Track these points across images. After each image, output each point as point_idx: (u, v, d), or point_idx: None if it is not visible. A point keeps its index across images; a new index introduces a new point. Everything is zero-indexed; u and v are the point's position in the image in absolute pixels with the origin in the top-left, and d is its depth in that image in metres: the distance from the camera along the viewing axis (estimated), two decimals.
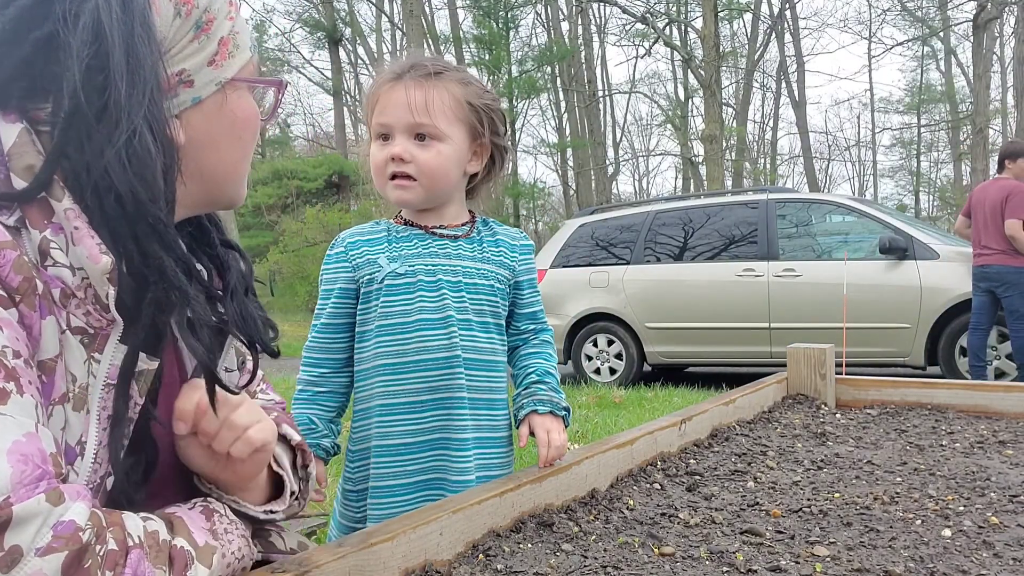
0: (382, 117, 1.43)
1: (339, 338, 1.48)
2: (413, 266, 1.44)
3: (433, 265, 1.44)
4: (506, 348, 1.52)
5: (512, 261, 1.53)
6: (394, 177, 1.43)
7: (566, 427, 1.43)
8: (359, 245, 1.48)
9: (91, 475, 0.79)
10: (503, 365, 1.51)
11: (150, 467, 0.88)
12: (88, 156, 0.76)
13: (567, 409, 1.46)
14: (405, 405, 1.41)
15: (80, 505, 0.68)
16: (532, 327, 1.57)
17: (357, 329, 1.47)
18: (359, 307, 1.46)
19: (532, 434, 1.42)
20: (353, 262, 1.47)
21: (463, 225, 1.52)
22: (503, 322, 1.52)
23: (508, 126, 1.58)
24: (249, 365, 1.04)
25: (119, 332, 0.81)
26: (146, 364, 0.83)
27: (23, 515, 0.63)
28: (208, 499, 0.91)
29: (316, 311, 1.51)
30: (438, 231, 1.49)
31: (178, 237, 0.85)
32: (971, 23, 21.35)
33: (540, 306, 1.58)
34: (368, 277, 1.44)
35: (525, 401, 1.45)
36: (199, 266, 0.97)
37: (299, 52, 29.93)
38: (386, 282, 1.42)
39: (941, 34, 27.33)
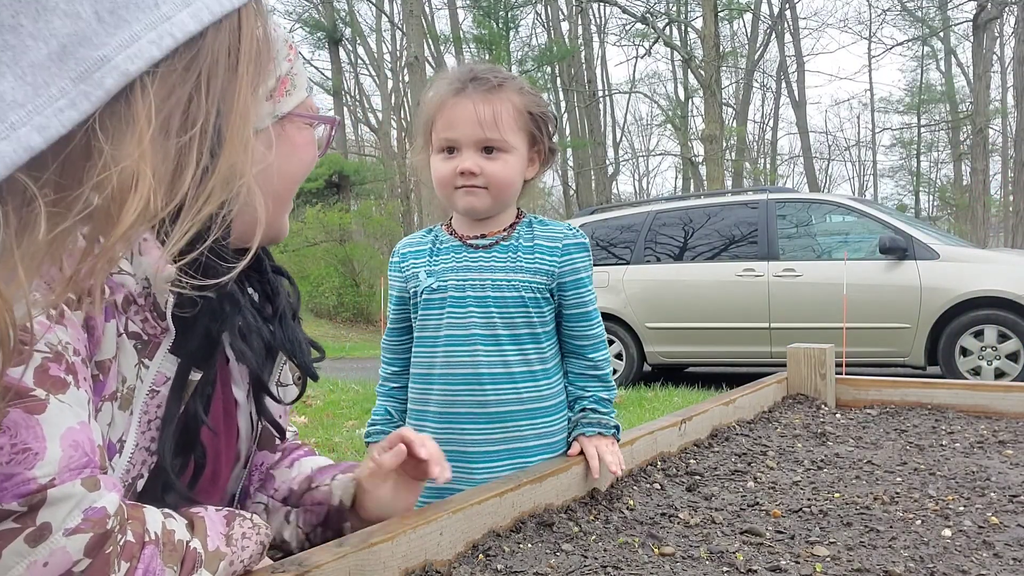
0: (450, 132, 1.45)
1: (404, 340, 1.57)
2: (445, 282, 1.48)
3: (462, 280, 1.47)
4: (544, 356, 1.50)
5: (550, 265, 1.49)
6: (460, 188, 1.47)
7: (617, 439, 1.46)
8: (408, 256, 1.56)
9: (124, 474, 0.84)
10: (541, 374, 1.49)
11: (199, 470, 0.93)
12: None
13: (616, 427, 1.47)
14: (433, 415, 1.47)
15: (113, 495, 0.71)
16: (584, 331, 1.52)
17: (414, 335, 1.55)
18: (412, 315, 1.54)
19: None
20: (404, 273, 1.55)
21: (503, 231, 1.52)
22: (539, 331, 1.49)
23: (556, 127, 1.61)
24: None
25: (170, 341, 0.86)
26: (192, 374, 0.89)
27: (59, 496, 0.66)
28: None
29: (389, 312, 1.61)
30: (475, 242, 1.51)
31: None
32: (971, 23, 21.39)
33: (592, 305, 1.52)
34: (414, 289, 1.52)
35: (574, 425, 1.49)
36: (251, 290, 1.05)
37: (299, 52, 29.86)
38: (423, 296, 1.49)
39: (941, 34, 27.34)
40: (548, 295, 1.50)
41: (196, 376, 0.90)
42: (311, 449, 1.24)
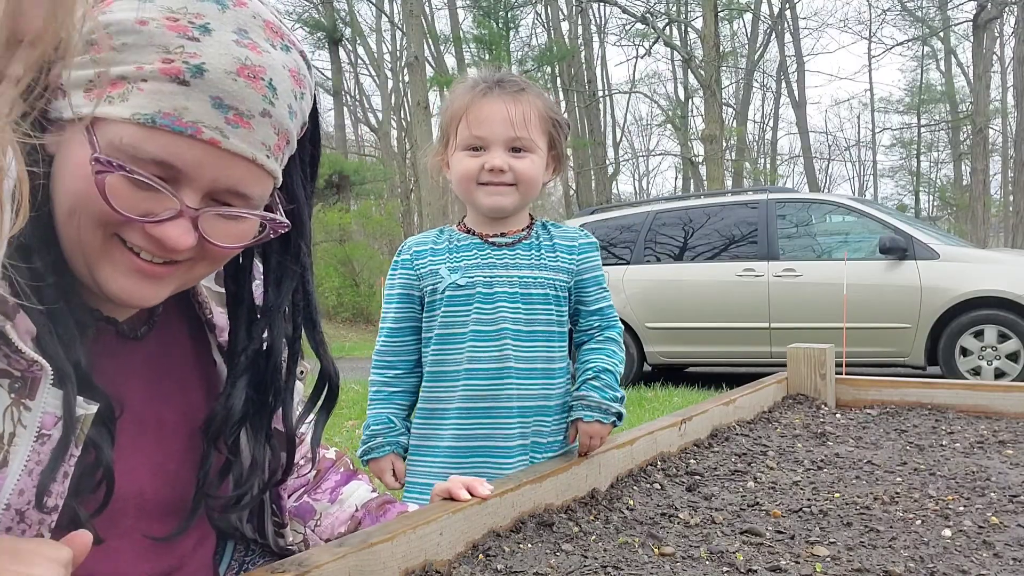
0: (479, 130, 1.47)
1: (407, 340, 1.55)
2: (472, 277, 1.49)
3: (491, 276, 1.49)
4: (559, 355, 1.54)
5: (570, 264, 1.55)
6: (484, 184, 1.47)
7: (615, 425, 1.46)
8: (424, 255, 1.54)
9: (8, 533, 0.73)
10: (560, 371, 1.54)
11: (104, 502, 0.81)
12: None
13: (618, 415, 1.45)
14: (457, 411, 1.48)
15: None
16: (599, 323, 1.58)
17: (423, 334, 1.54)
18: (424, 314, 1.53)
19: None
20: (418, 271, 1.53)
21: (522, 231, 1.56)
22: (557, 329, 1.54)
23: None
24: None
25: (50, 376, 0.73)
26: (84, 409, 0.75)
27: None
28: None
29: (382, 315, 1.58)
30: (496, 240, 1.53)
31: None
32: (971, 23, 21.39)
33: (607, 302, 1.59)
34: (431, 287, 1.51)
35: (575, 403, 1.49)
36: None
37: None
38: (447, 293, 1.49)
39: (941, 34, 27.33)
40: (567, 294, 1.55)
41: (91, 409, 0.76)
42: (348, 468, 1.18)
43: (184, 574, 0.95)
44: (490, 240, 1.53)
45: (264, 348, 0.95)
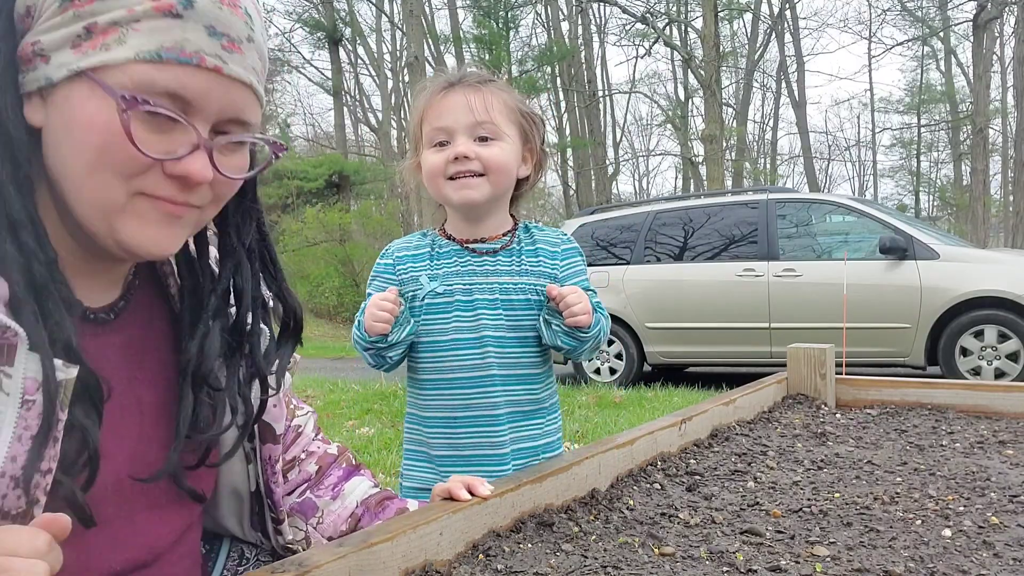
0: (440, 121, 1.44)
1: None
2: (451, 285, 1.46)
3: (470, 284, 1.47)
4: (544, 358, 1.53)
5: (552, 268, 1.52)
6: (453, 178, 1.44)
7: (592, 327, 1.46)
8: (406, 260, 1.52)
9: (1, 500, 0.72)
10: (547, 373, 1.54)
11: (88, 483, 0.80)
12: None
13: (601, 308, 1.48)
14: (443, 420, 1.46)
15: None
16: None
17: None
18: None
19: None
20: (399, 276, 1.51)
21: (504, 236, 1.53)
22: None
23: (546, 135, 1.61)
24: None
25: (27, 341, 0.72)
26: (64, 373, 0.74)
27: None
28: None
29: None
30: (477, 247, 1.50)
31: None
32: (971, 23, 21.40)
33: (595, 299, 1.56)
34: (411, 294, 1.48)
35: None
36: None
37: (299, 52, 29.98)
38: (426, 301, 1.47)
39: (941, 34, 27.35)
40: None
41: (71, 373, 0.75)
42: (351, 464, 1.17)
43: (162, 567, 0.94)
44: (469, 246, 1.50)
45: (231, 291, 0.95)
